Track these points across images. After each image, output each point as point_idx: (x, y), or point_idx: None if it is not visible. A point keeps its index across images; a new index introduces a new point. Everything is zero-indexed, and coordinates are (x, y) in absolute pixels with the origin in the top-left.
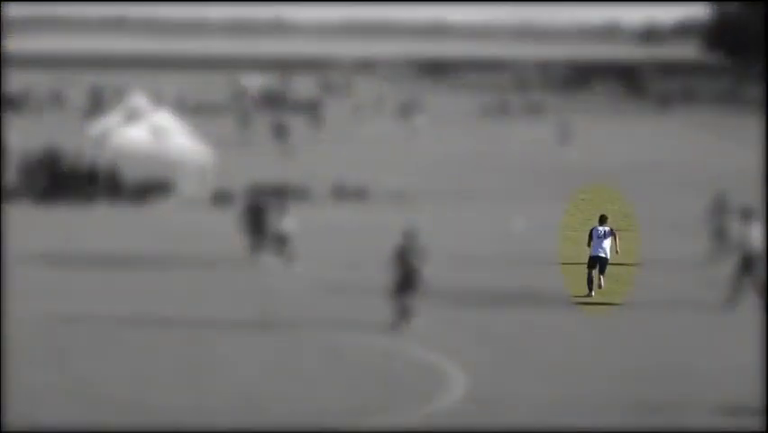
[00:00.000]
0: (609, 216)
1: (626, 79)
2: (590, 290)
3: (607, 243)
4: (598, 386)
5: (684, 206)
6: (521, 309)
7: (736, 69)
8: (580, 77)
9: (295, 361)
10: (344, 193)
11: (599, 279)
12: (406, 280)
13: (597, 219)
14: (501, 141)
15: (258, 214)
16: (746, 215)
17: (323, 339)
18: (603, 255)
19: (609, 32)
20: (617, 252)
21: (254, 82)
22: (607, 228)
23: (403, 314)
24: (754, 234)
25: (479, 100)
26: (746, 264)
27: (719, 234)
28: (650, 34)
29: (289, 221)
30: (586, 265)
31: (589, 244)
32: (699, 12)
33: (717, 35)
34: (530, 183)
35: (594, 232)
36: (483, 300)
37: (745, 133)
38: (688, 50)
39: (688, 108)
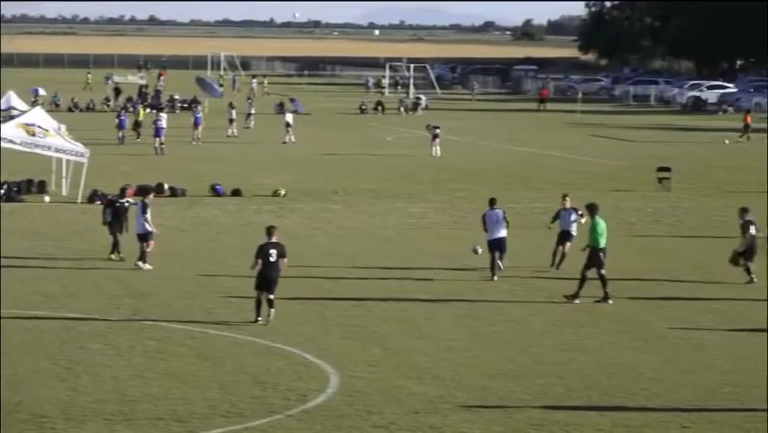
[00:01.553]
0: (497, 200)
1: (502, 77)
2: (493, 274)
3: (573, 217)
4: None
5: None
6: (395, 304)
7: (610, 68)
8: (457, 74)
9: (168, 360)
10: (218, 192)
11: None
12: (265, 276)
13: (488, 203)
14: (376, 140)
15: (118, 213)
16: None
17: (190, 337)
18: (570, 231)
19: (484, 30)
20: (581, 223)
21: (131, 80)
22: (500, 211)
23: (261, 307)
24: None
25: (354, 99)
26: None
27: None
28: (525, 32)
29: (145, 220)
30: (488, 249)
31: (485, 229)
32: (575, 11)
33: (592, 35)
34: (399, 182)
35: (489, 215)
36: (356, 296)
37: (622, 131)
38: (563, 50)
39: (563, 106)
